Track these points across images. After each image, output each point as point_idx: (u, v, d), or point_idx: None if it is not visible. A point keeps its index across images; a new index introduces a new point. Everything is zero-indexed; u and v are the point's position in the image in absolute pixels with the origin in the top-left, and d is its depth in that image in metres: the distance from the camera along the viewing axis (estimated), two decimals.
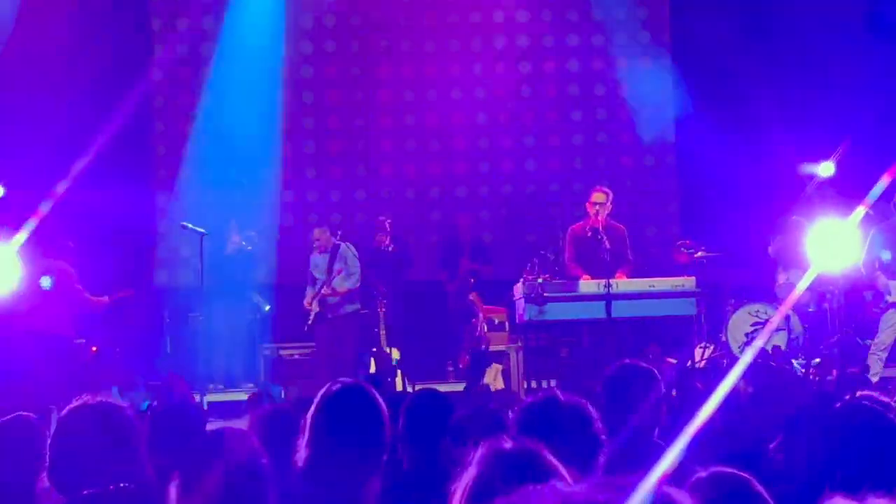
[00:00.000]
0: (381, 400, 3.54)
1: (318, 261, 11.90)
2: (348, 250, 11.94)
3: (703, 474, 2.95)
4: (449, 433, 4.18)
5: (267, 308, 12.76)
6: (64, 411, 3.47)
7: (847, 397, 4.08)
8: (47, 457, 3.37)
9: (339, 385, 3.54)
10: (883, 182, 10.53)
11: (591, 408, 3.48)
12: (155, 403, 8.01)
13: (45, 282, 11.77)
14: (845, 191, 12.92)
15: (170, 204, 13.80)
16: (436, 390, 5.14)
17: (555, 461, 2.55)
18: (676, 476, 3.08)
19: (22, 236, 11.42)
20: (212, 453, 3.19)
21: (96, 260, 11.86)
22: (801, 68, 13.32)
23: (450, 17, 14.33)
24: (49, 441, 3.43)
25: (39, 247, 11.45)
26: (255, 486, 3.14)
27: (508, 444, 2.52)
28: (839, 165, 13.28)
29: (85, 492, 2.64)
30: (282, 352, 12.72)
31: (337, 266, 11.73)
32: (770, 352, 10.99)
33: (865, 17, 13.13)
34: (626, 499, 1.63)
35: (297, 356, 12.51)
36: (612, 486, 1.67)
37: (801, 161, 13.39)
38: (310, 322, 11.79)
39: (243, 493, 3.09)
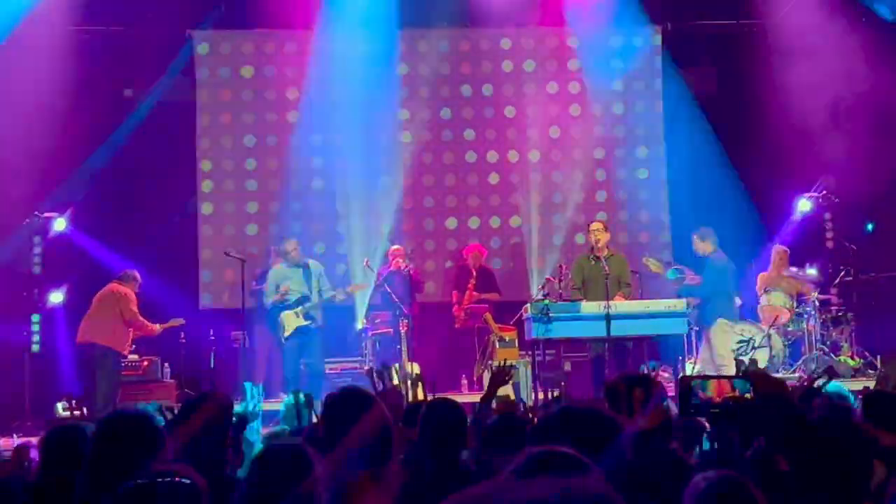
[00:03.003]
0: (377, 398, 3.46)
1: (290, 273, 11.49)
2: (319, 266, 11.72)
3: (703, 478, 2.84)
4: (480, 440, 4.04)
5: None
6: (101, 419, 3.49)
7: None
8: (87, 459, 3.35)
9: (339, 390, 3.51)
10: None
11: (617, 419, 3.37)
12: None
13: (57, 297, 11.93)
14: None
15: (213, 234, 13.82)
16: (450, 399, 5.00)
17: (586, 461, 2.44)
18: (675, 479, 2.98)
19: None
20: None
21: (149, 285, 11.83)
22: (782, 104, 13.23)
23: (463, 65, 14.34)
24: (89, 445, 3.41)
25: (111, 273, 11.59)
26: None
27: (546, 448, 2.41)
28: (816, 202, 13.21)
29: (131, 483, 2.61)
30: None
31: (314, 281, 11.46)
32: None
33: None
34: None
35: (328, 370, 12.36)
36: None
37: (783, 196, 13.34)
38: (287, 334, 11.43)
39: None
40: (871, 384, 9.96)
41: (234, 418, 4.43)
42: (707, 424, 4.97)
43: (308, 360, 11.56)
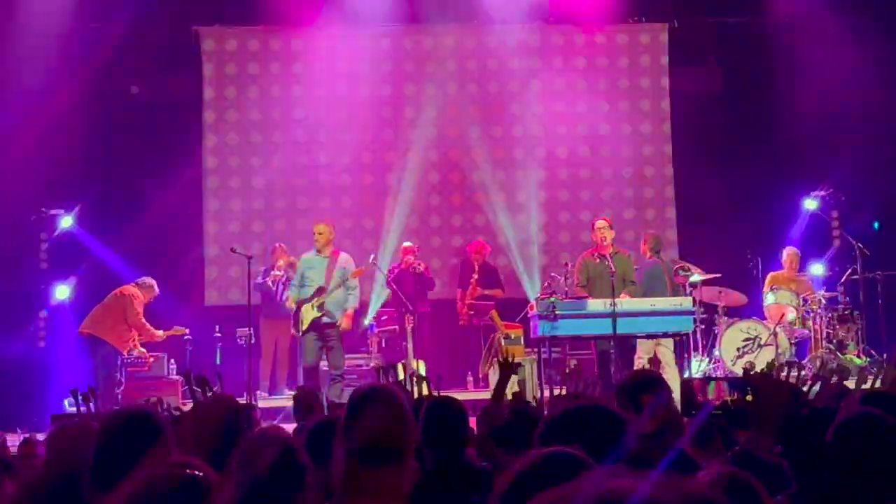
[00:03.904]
0: (403, 397, 3.42)
1: (315, 262, 10.97)
2: (350, 262, 11.05)
3: (707, 474, 2.82)
4: (494, 437, 4.02)
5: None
6: (107, 416, 3.51)
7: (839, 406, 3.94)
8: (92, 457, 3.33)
9: (367, 387, 3.47)
10: None
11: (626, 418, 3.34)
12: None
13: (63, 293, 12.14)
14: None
15: (219, 231, 13.83)
16: (450, 397, 4.97)
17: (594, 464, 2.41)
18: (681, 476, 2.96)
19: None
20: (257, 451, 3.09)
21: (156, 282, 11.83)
22: (787, 103, 13.22)
23: (469, 62, 14.31)
24: (95, 442, 3.38)
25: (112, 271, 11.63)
26: (293, 482, 3.03)
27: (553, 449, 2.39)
28: (822, 201, 13.19)
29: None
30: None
31: (336, 275, 10.81)
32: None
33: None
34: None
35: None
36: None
37: (790, 195, 13.32)
38: (304, 328, 10.88)
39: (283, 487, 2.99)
40: (877, 383, 9.92)
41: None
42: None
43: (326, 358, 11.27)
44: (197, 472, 2.60)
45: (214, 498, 2.59)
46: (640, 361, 10.82)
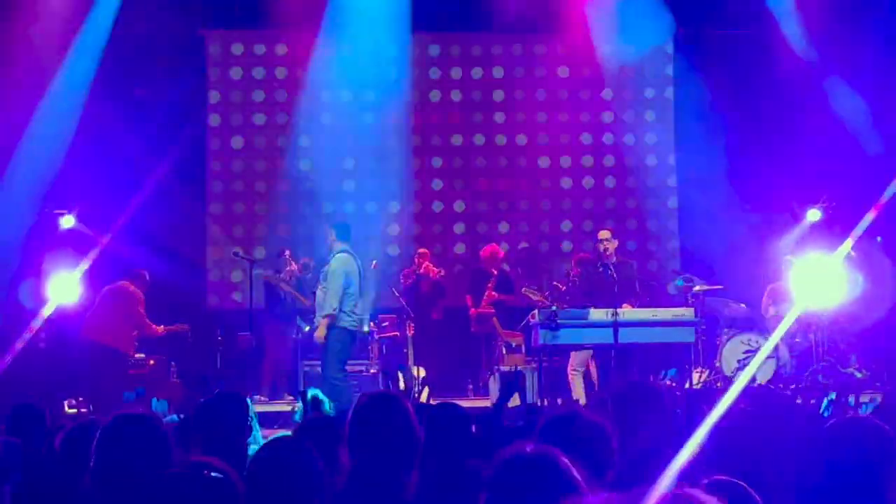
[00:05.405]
0: (408, 404, 3.49)
1: None
2: (335, 262, 10.03)
3: (704, 482, 2.89)
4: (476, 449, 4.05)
5: (307, 329, 12.33)
6: (107, 420, 3.51)
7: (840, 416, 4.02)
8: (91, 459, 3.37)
9: (370, 394, 3.53)
10: (866, 220, 10.59)
11: (608, 424, 3.42)
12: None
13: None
14: (833, 232, 12.92)
15: (222, 234, 13.88)
16: (455, 404, 5.03)
17: (570, 466, 2.49)
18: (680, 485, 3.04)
19: (85, 263, 11.58)
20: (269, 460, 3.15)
21: (157, 284, 11.86)
22: (790, 116, 13.28)
23: (473, 70, 14.40)
24: (93, 446, 3.43)
25: (115, 272, 11.60)
26: (307, 491, 3.09)
27: (528, 449, 2.46)
28: (825, 210, 13.22)
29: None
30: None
31: (321, 277, 10.27)
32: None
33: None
34: None
35: None
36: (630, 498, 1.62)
37: (791, 204, 13.35)
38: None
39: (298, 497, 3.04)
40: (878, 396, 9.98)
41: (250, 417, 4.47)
42: None
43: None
44: (221, 473, 2.66)
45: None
46: (575, 374, 10.92)
